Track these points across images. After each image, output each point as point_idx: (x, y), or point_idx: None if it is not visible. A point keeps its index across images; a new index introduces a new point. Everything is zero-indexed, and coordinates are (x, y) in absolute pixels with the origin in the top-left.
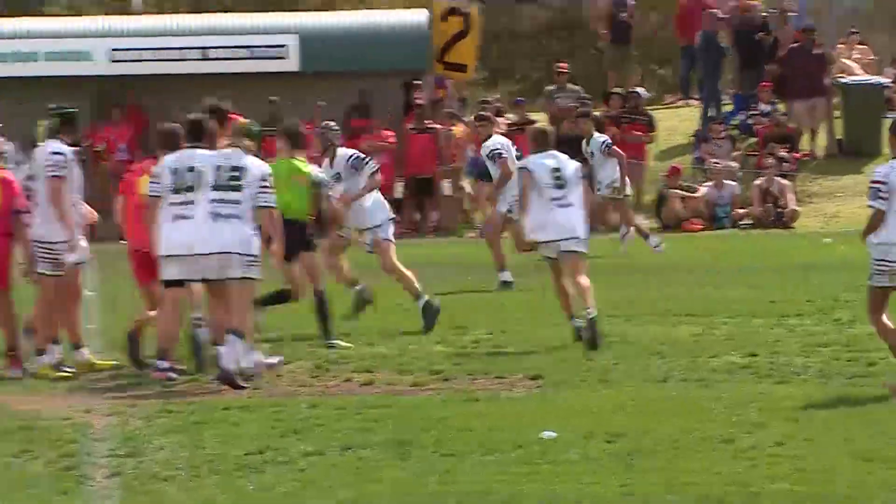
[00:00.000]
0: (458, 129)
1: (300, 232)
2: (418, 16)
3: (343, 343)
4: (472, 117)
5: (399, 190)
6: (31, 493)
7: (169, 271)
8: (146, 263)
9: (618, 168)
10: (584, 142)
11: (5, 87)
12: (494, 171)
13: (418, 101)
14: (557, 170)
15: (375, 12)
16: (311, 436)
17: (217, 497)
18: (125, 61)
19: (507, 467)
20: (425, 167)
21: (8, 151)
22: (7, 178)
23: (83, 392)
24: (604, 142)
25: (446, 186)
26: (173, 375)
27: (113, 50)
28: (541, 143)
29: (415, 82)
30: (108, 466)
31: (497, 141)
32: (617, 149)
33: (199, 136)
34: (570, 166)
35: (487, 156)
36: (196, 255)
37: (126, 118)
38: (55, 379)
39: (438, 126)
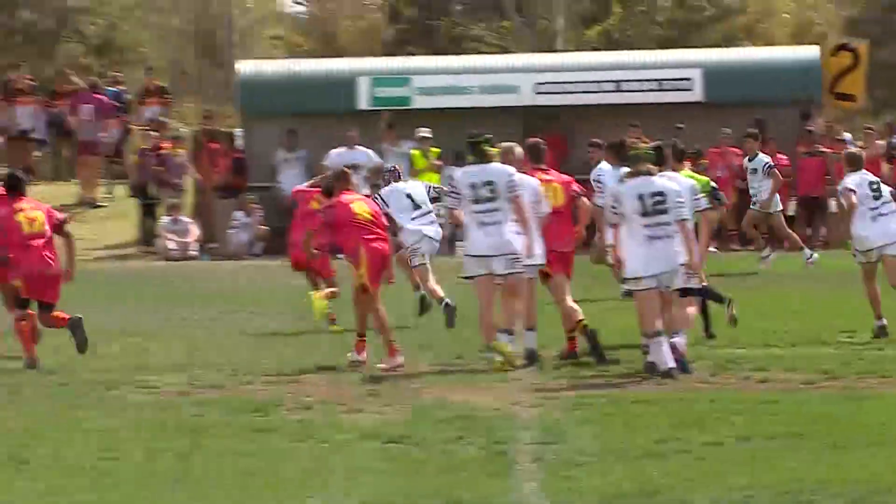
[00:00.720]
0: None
1: None
2: (811, 51)
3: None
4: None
5: (792, 207)
6: (464, 474)
7: (642, 283)
8: (559, 260)
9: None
10: (745, 159)
11: (443, 117)
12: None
13: (809, 128)
14: (874, 183)
15: (772, 48)
16: (711, 427)
17: (625, 482)
18: (548, 93)
19: (891, 459)
20: (815, 187)
21: (449, 172)
22: (364, 197)
23: (512, 385)
24: (766, 163)
25: (834, 204)
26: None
27: (537, 83)
28: (854, 164)
29: (808, 111)
30: (531, 453)
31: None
32: (776, 171)
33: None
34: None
35: (594, 179)
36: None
37: (549, 145)
38: (498, 370)
39: (828, 150)
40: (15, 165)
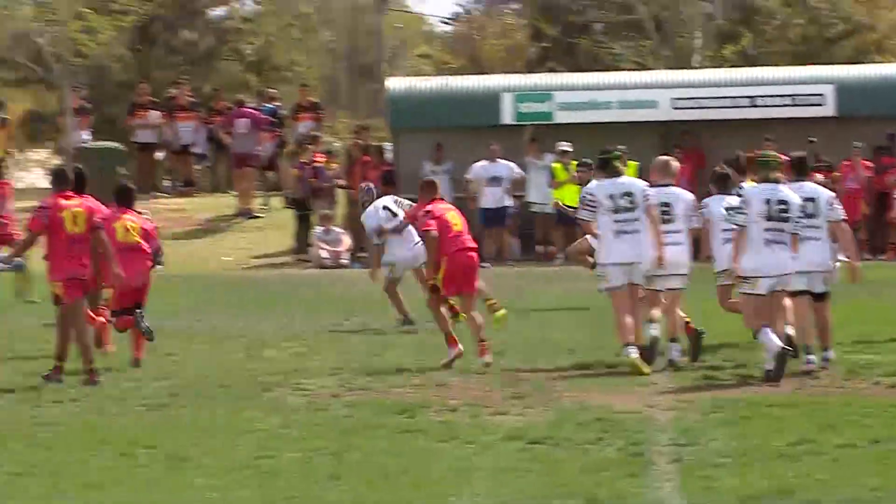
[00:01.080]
0: None
1: None
2: None
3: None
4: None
5: None
6: (604, 474)
7: (758, 286)
8: None
9: None
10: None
11: (584, 132)
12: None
13: None
14: None
15: None
16: (844, 430)
17: (760, 482)
18: (685, 108)
19: None
20: None
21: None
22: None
23: (650, 388)
24: None
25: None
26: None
27: (674, 99)
28: None
29: None
30: (669, 454)
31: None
32: None
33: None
34: None
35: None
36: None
37: (686, 158)
38: (640, 374)
39: None
40: (179, 178)
